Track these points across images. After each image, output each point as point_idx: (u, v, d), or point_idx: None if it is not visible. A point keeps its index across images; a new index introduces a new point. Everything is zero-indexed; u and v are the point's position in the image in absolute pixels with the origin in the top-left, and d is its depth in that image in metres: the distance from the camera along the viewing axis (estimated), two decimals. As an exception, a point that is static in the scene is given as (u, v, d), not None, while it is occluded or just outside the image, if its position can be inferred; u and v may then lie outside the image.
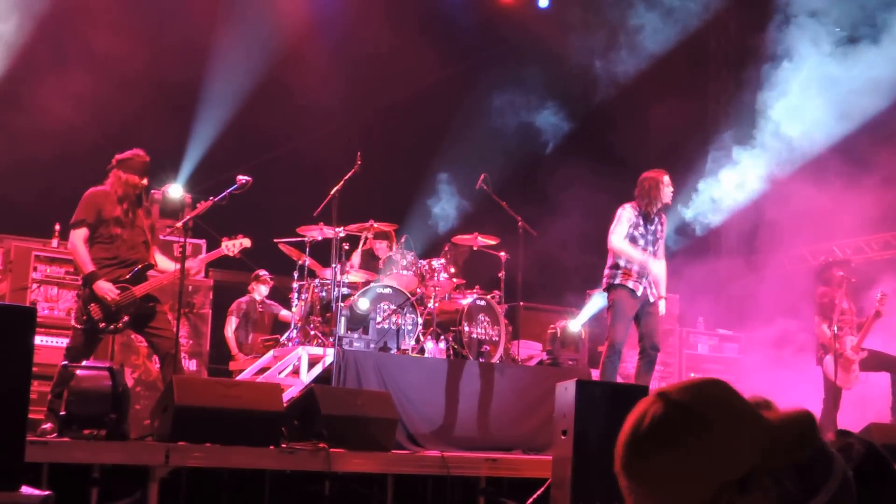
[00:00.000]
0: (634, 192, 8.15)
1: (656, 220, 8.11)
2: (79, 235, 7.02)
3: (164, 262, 7.42)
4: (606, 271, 8.07)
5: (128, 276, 7.08)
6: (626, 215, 8.01)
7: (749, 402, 1.51)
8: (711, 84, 15.49)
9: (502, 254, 9.70)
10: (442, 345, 8.83)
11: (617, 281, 7.95)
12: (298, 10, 12.42)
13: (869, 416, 8.88)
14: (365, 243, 9.77)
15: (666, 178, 8.07)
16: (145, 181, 7.25)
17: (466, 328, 9.02)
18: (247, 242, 7.67)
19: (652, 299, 8.02)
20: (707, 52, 15.46)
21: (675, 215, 10.51)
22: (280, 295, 10.69)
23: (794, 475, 1.48)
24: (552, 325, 10.16)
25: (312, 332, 8.63)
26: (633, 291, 7.91)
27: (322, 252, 9.28)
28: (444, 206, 11.19)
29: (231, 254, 7.61)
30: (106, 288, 6.94)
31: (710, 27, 14.72)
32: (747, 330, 12.71)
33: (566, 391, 6.14)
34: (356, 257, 9.62)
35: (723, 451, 1.42)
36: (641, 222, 8.04)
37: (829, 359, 9.64)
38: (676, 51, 12.97)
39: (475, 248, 9.92)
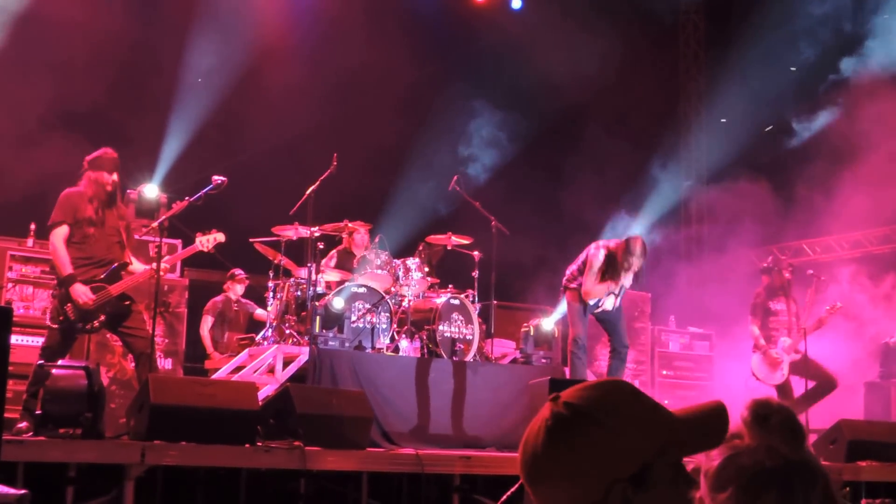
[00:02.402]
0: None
1: (628, 276, 8.31)
2: (59, 235, 7.00)
3: (136, 265, 7.37)
4: (567, 273, 8.37)
5: (102, 276, 7.07)
6: (596, 263, 8.24)
7: (650, 401, 1.51)
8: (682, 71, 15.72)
9: (476, 253, 9.77)
10: (416, 343, 8.88)
11: (573, 285, 8.35)
12: (275, 11, 12.44)
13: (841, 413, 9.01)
14: (342, 243, 9.81)
15: (630, 249, 8.17)
16: (115, 176, 7.17)
17: (440, 327, 9.08)
18: (221, 237, 7.58)
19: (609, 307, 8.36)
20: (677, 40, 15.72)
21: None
22: (255, 294, 10.69)
23: (771, 483, 1.50)
24: (525, 324, 10.21)
25: (288, 331, 8.65)
26: (583, 301, 8.27)
27: (297, 251, 9.32)
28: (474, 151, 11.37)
29: (205, 249, 7.56)
30: (81, 292, 6.93)
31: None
32: (718, 327, 12.85)
33: (539, 389, 6.23)
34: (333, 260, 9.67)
35: (611, 450, 1.44)
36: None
37: (755, 356, 10.11)
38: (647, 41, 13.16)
39: (449, 248, 9.98)
